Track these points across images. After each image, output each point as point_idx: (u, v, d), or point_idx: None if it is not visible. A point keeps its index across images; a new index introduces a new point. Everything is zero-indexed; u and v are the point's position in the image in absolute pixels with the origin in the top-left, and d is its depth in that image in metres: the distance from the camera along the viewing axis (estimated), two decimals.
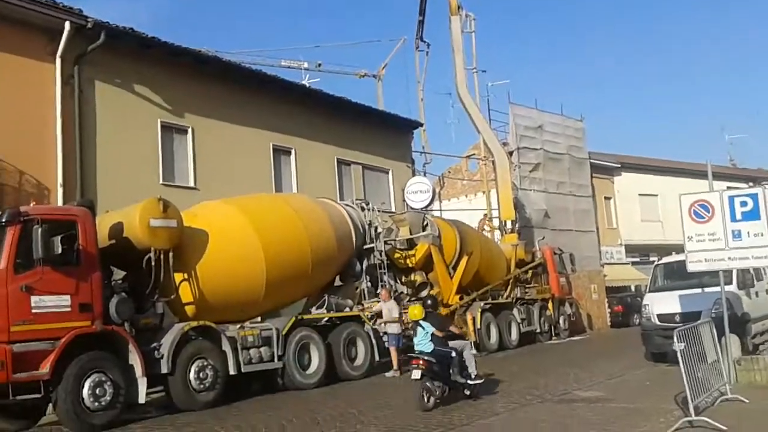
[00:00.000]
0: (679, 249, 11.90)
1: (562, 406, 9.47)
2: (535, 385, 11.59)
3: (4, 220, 9.56)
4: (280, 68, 33.47)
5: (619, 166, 35.63)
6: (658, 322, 13.73)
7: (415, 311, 10.70)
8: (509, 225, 26.28)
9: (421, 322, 10.43)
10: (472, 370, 10.49)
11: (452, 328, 11.37)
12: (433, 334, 10.24)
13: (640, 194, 35.71)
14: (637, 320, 22.20)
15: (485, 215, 26.77)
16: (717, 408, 8.36)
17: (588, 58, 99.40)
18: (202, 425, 9.39)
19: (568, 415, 8.72)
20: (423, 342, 10.23)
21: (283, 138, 19.80)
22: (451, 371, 10.18)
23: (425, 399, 9.70)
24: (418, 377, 9.81)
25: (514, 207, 26.78)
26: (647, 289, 15.74)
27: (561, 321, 24.25)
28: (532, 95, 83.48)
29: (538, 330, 22.45)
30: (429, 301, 11.38)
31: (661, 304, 13.98)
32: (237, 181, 17.14)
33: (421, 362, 9.87)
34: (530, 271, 23.29)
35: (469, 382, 10.39)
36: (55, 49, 14.40)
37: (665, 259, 15.85)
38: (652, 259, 25.71)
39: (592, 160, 33.18)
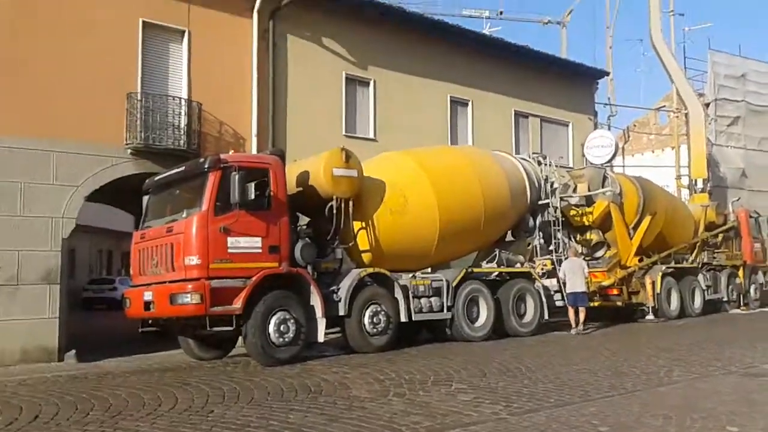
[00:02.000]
0: None
1: (748, 380, 8.83)
2: (719, 356, 10.87)
3: (206, 166, 10.52)
4: (461, 18, 33.16)
5: None
6: None
7: None
8: (700, 184, 24.55)
9: None
10: None
11: None
12: None
13: None
14: None
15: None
16: None
17: None
18: (374, 366, 9.89)
19: (755, 390, 8.13)
20: None
21: (461, 89, 19.73)
22: None
23: None
24: None
25: (707, 164, 24.88)
26: None
27: (752, 290, 22.39)
28: (735, 41, 75.44)
29: (725, 299, 20.92)
30: None
31: None
32: (414, 133, 17.43)
33: None
34: (720, 235, 21.65)
35: None
36: (252, 4, 15.28)
37: None
38: None
39: None
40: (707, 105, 26.64)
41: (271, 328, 10.35)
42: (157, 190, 11.67)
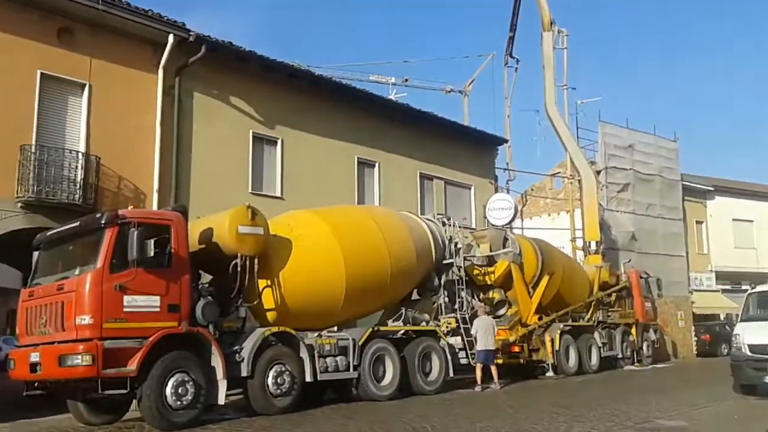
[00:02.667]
0: None
1: None
2: (615, 412, 11.22)
3: (103, 222, 10.08)
4: (369, 83, 34.12)
5: (713, 189, 34.19)
6: (750, 353, 13.03)
7: None
8: (594, 246, 25.68)
9: None
10: None
11: None
12: None
13: (734, 219, 34.19)
14: (726, 350, 21.23)
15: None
16: None
17: (683, 75, 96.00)
18: (277, 429, 9.59)
19: None
20: None
21: (368, 151, 20.09)
22: None
23: None
24: None
25: (599, 228, 26.15)
26: (739, 318, 15.03)
27: (644, 347, 23.45)
28: (624, 114, 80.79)
29: (620, 355, 21.79)
30: None
31: (754, 334, 13.28)
32: (322, 192, 17.50)
33: None
34: (614, 295, 22.66)
35: None
36: (159, 60, 15.14)
37: (759, 288, 15.15)
38: (744, 287, 24.60)
39: (684, 183, 32.01)
40: (599, 172, 28.16)
41: (168, 390, 9.84)
42: (48, 246, 11.06)
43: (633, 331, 22.85)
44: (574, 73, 76.51)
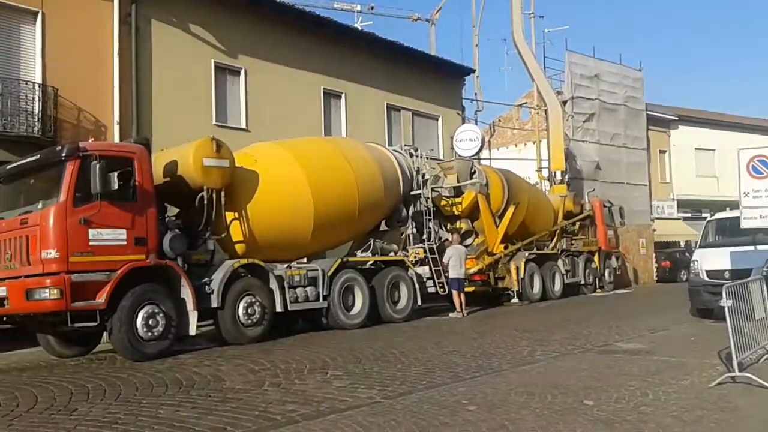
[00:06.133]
0: (734, 205, 11.61)
1: (603, 357, 9.48)
2: (576, 336, 11.60)
3: (64, 154, 9.86)
4: (333, 11, 33.11)
5: (677, 119, 34.57)
6: (707, 278, 13.48)
7: None
8: (559, 176, 25.99)
9: None
10: None
11: None
12: None
13: (696, 148, 34.75)
14: (685, 276, 21.89)
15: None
16: (761, 365, 8.24)
17: (648, 4, 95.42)
18: (249, 358, 9.73)
19: (608, 366, 8.72)
20: None
21: (334, 82, 19.78)
22: None
23: None
24: None
25: (564, 158, 26.40)
26: (698, 245, 15.44)
27: (606, 274, 24.06)
28: (590, 43, 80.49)
29: (583, 282, 22.35)
30: None
31: (712, 260, 13.71)
32: (287, 124, 17.29)
33: None
34: (578, 223, 23.06)
35: None
36: None
37: (718, 215, 15.49)
38: (704, 215, 25.18)
39: (648, 112, 32.30)
40: (565, 102, 28.22)
41: (139, 322, 9.91)
42: (9, 180, 10.82)
43: (595, 258, 23.39)
44: (542, 1, 75.56)
